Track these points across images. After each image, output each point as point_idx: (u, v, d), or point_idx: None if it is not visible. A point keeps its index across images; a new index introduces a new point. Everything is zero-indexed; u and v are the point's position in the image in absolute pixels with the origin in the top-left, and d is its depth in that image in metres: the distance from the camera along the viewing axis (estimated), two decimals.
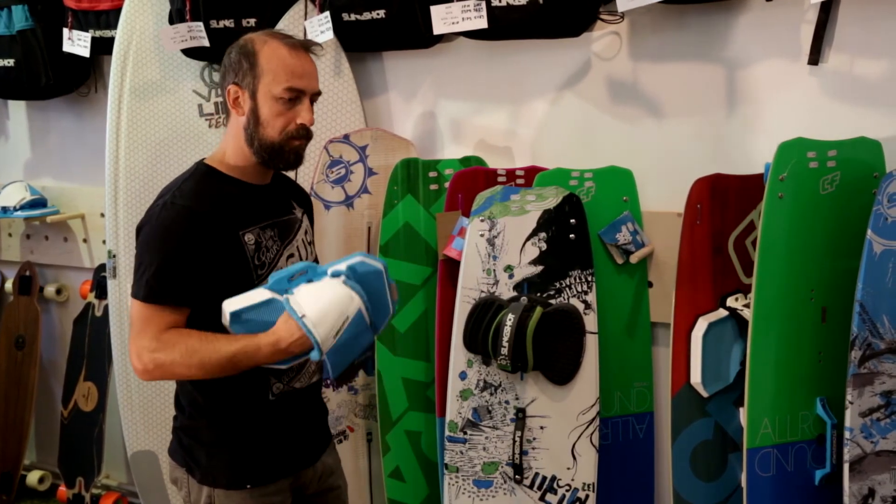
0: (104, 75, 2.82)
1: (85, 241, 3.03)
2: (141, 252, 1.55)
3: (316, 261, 1.85)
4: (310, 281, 1.50)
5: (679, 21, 2.02)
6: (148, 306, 1.52)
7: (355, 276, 1.49)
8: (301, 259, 1.72)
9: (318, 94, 1.65)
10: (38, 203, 2.93)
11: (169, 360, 1.49)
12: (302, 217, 1.77)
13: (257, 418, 1.66)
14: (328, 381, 1.52)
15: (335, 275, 1.49)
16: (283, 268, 1.65)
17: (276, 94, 1.56)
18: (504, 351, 1.88)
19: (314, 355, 1.46)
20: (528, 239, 1.98)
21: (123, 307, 2.63)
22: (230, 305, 1.49)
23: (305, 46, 1.62)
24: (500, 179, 2.15)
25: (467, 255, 1.99)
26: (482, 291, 1.98)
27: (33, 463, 3.36)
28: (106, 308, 2.77)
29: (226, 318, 1.49)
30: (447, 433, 2.01)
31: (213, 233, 1.55)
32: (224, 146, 1.65)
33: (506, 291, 1.98)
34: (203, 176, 1.62)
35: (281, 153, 1.60)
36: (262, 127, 1.58)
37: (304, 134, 1.61)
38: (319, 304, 1.45)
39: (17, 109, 3.11)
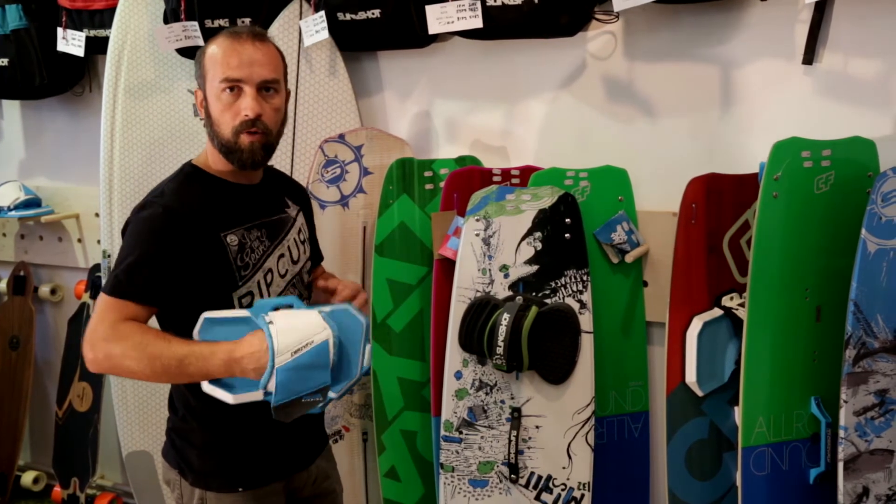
0: (98, 75, 2.82)
1: (79, 240, 3.02)
2: (120, 250, 1.54)
3: (318, 255, 1.84)
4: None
5: (674, 21, 2.02)
6: (111, 299, 1.46)
7: (333, 316, 1.45)
8: (292, 259, 1.71)
9: (274, 81, 1.57)
10: (33, 203, 2.92)
11: (119, 352, 1.41)
12: (297, 215, 1.75)
13: (250, 421, 1.64)
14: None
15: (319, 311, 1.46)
16: (272, 268, 1.65)
17: (216, 88, 1.54)
18: (499, 350, 1.88)
19: (265, 375, 1.38)
20: (523, 238, 1.99)
21: None
22: (207, 314, 1.47)
23: (250, 34, 1.56)
24: (496, 179, 2.15)
25: (463, 255, 1.99)
26: (477, 291, 1.98)
27: (28, 463, 3.35)
28: None
29: (198, 326, 1.47)
30: (443, 433, 2.01)
31: (192, 233, 1.52)
32: (207, 148, 1.64)
33: (501, 291, 1.98)
34: (188, 177, 1.61)
35: (234, 149, 1.56)
36: (215, 125, 1.56)
37: (251, 126, 1.54)
38: (290, 320, 1.42)
39: (11, 109, 3.10)
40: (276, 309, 1.47)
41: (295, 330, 1.40)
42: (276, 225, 1.68)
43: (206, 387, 1.44)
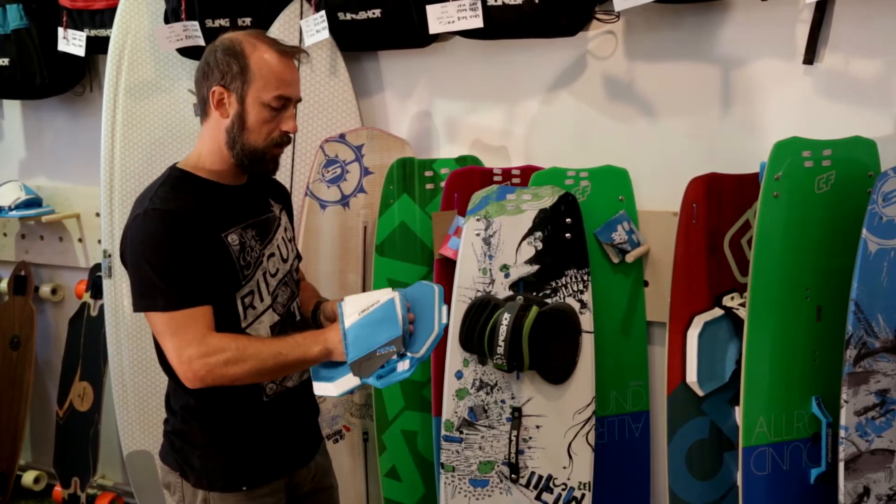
0: (99, 74, 2.82)
1: (80, 240, 3.02)
2: (137, 266, 1.51)
3: (298, 256, 1.83)
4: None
5: (674, 20, 2.02)
6: (175, 314, 1.48)
7: (402, 288, 1.57)
8: (282, 258, 1.71)
9: (300, 100, 1.65)
10: (33, 203, 2.93)
11: (221, 363, 1.47)
12: (280, 214, 1.75)
13: (252, 420, 1.65)
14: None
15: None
16: (266, 268, 1.64)
17: (265, 101, 1.55)
18: (500, 350, 1.88)
19: (343, 343, 1.49)
20: (523, 238, 1.98)
21: (119, 307, 2.62)
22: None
23: (293, 53, 1.61)
24: (496, 179, 2.15)
25: (463, 255, 1.99)
26: (478, 291, 1.98)
27: (28, 463, 3.35)
28: (101, 308, 2.77)
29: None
30: (443, 432, 2.01)
31: (198, 234, 1.52)
32: (199, 148, 1.64)
33: (502, 291, 1.98)
34: (177, 180, 1.59)
35: (262, 159, 1.61)
36: (248, 132, 1.57)
37: (287, 141, 1.62)
38: (358, 295, 1.57)
39: (12, 109, 3.10)
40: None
41: (361, 298, 1.54)
42: (265, 224, 1.68)
43: (317, 389, 1.53)
